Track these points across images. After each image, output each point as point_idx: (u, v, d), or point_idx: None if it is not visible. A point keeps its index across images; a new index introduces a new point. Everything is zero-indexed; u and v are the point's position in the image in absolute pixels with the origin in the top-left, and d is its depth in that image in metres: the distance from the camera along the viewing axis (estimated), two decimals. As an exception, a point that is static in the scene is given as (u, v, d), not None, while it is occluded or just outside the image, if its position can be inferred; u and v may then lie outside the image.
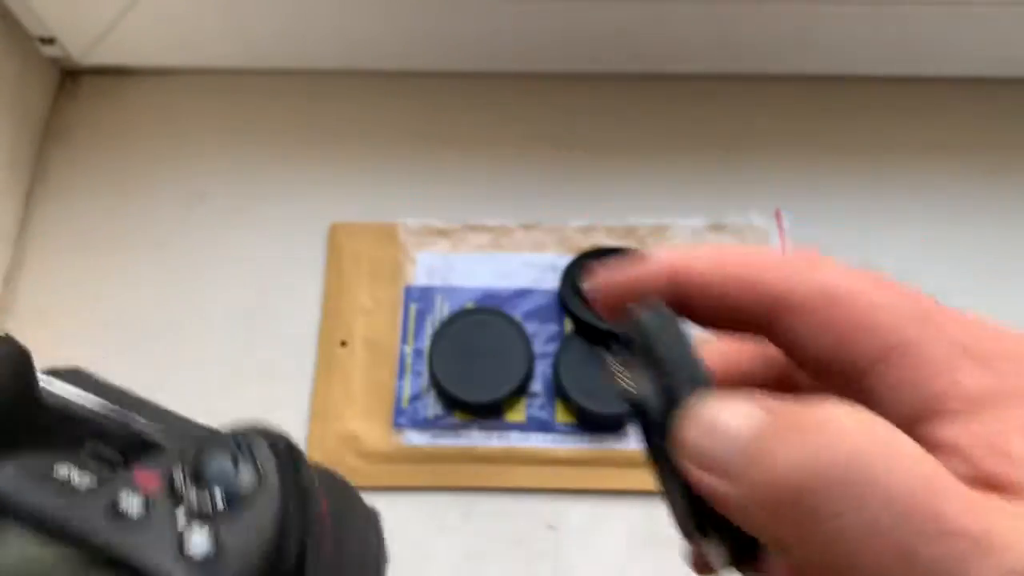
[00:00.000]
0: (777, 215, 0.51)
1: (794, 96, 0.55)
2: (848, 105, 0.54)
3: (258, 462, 0.23)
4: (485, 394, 0.46)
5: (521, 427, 0.46)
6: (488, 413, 0.46)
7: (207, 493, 0.22)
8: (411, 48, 0.54)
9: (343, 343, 0.48)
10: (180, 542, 0.21)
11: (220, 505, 0.22)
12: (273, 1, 0.51)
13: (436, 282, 0.49)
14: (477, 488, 0.46)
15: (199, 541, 0.21)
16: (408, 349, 0.48)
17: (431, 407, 0.47)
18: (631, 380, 0.19)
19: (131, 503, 0.21)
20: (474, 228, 0.51)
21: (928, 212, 0.52)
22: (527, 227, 0.51)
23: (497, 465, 0.46)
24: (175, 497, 0.21)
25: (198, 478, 0.22)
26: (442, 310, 0.49)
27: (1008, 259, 0.51)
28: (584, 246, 0.50)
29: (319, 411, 0.47)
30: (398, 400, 0.47)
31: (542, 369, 0.47)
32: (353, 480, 0.45)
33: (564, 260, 0.49)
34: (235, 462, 0.22)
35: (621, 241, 0.50)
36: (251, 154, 0.54)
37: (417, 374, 0.47)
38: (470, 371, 0.46)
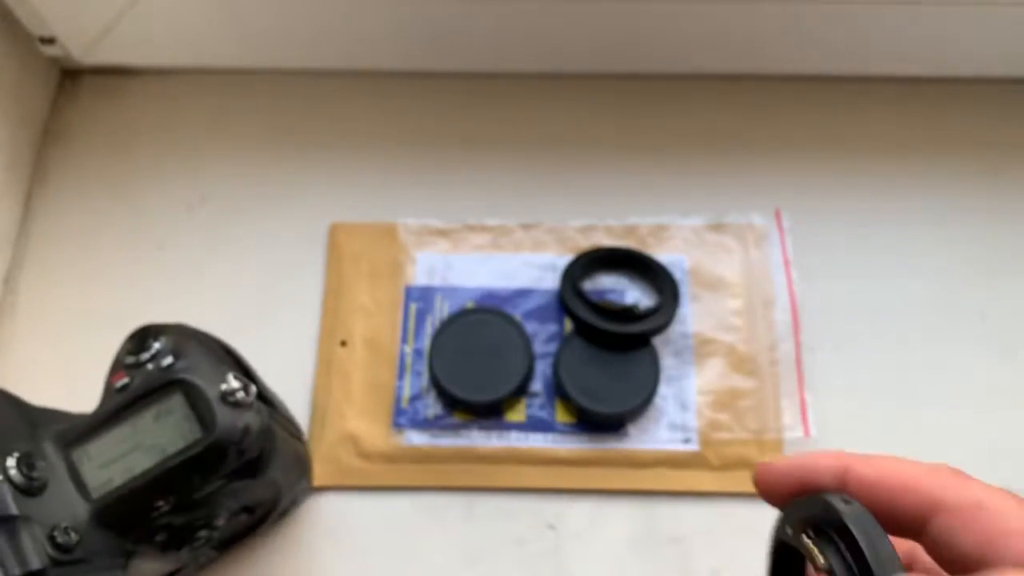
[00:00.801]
0: (777, 215, 0.51)
1: (794, 96, 0.55)
2: (848, 105, 0.54)
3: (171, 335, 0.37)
4: (485, 394, 0.46)
5: (521, 427, 0.46)
6: (488, 413, 0.46)
7: (153, 354, 0.37)
8: (411, 48, 0.54)
9: (343, 343, 0.48)
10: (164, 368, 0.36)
11: (167, 354, 0.36)
12: (273, 1, 0.51)
13: (436, 282, 0.49)
14: (477, 488, 0.46)
15: (180, 366, 0.36)
16: (408, 349, 0.48)
17: (431, 407, 0.47)
18: (825, 559, 0.22)
19: (125, 382, 0.36)
20: (474, 228, 0.51)
21: (928, 212, 0.52)
22: (527, 227, 0.51)
23: (497, 465, 0.46)
24: (144, 365, 0.36)
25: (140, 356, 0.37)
26: (442, 310, 0.49)
27: (1009, 259, 0.51)
28: (584, 246, 0.50)
29: (319, 411, 0.47)
30: (398, 400, 0.47)
31: (542, 369, 0.47)
32: (353, 480, 0.45)
33: (564, 260, 0.49)
34: (155, 339, 0.37)
35: (621, 241, 0.50)
36: (251, 154, 0.54)
37: (417, 374, 0.47)
38: (470, 371, 0.46)
